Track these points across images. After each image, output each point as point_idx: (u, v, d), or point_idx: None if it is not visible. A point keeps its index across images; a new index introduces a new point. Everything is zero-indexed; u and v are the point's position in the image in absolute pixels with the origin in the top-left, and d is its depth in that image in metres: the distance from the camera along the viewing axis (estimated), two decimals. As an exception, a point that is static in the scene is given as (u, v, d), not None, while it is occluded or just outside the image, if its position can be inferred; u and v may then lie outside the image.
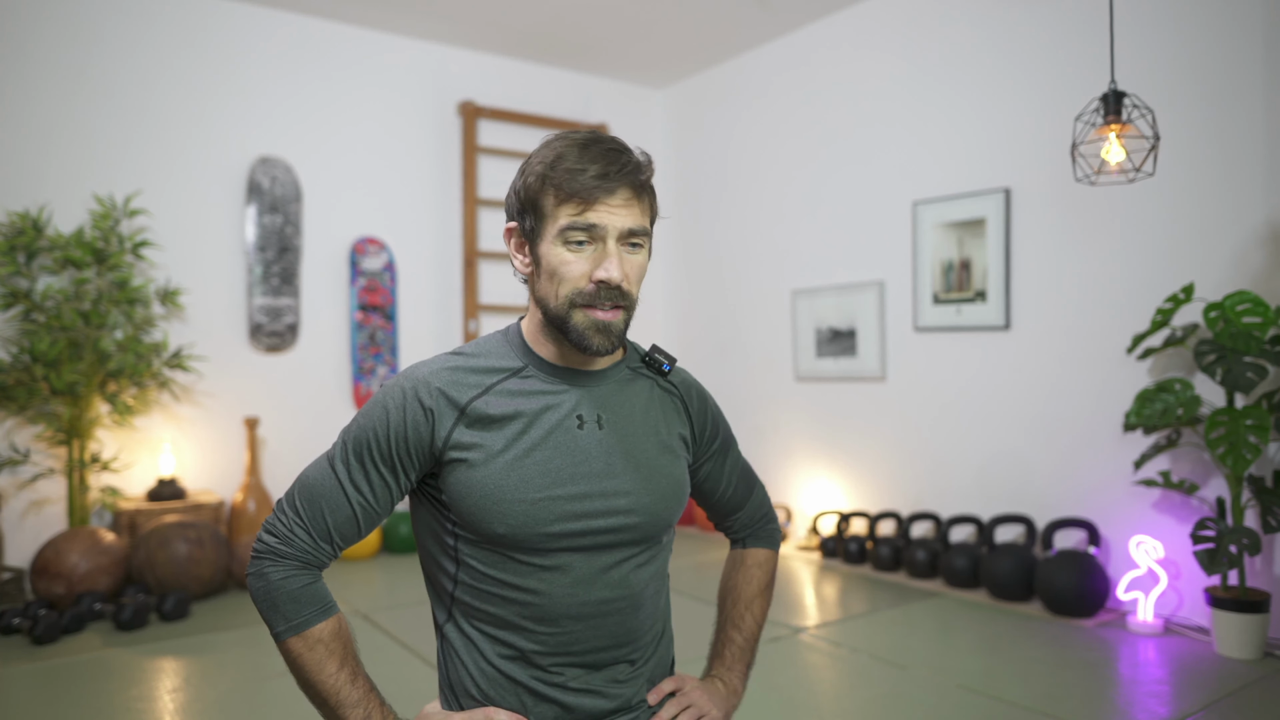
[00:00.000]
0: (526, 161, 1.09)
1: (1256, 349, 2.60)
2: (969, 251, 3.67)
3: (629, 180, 1.03)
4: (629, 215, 1.04)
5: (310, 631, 1.03)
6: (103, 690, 2.49)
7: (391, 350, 4.44)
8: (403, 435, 1.05)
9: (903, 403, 3.97)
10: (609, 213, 1.03)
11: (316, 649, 1.03)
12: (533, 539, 1.04)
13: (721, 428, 1.28)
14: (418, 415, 1.05)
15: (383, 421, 1.06)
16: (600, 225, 1.02)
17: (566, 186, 1.02)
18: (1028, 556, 3.28)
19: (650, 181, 1.08)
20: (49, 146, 3.65)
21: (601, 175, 1.01)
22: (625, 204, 1.04)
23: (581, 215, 1.02)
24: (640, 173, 1.05)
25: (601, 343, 1.06)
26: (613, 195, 1.03)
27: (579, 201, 1.02)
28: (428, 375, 1.08)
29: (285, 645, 1.04)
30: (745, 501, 1.33)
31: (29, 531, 3.55)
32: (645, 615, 1.13)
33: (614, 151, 1.04)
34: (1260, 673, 2.54)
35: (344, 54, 4.38)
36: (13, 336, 3.48)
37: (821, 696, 2.44)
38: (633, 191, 1.04)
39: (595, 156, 1.03)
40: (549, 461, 1.06)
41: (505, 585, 1.06)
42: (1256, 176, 2.84)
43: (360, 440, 1.07)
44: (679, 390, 1.22)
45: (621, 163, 1.03)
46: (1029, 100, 3.46)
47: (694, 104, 5.21)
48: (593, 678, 1.09)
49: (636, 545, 1.11)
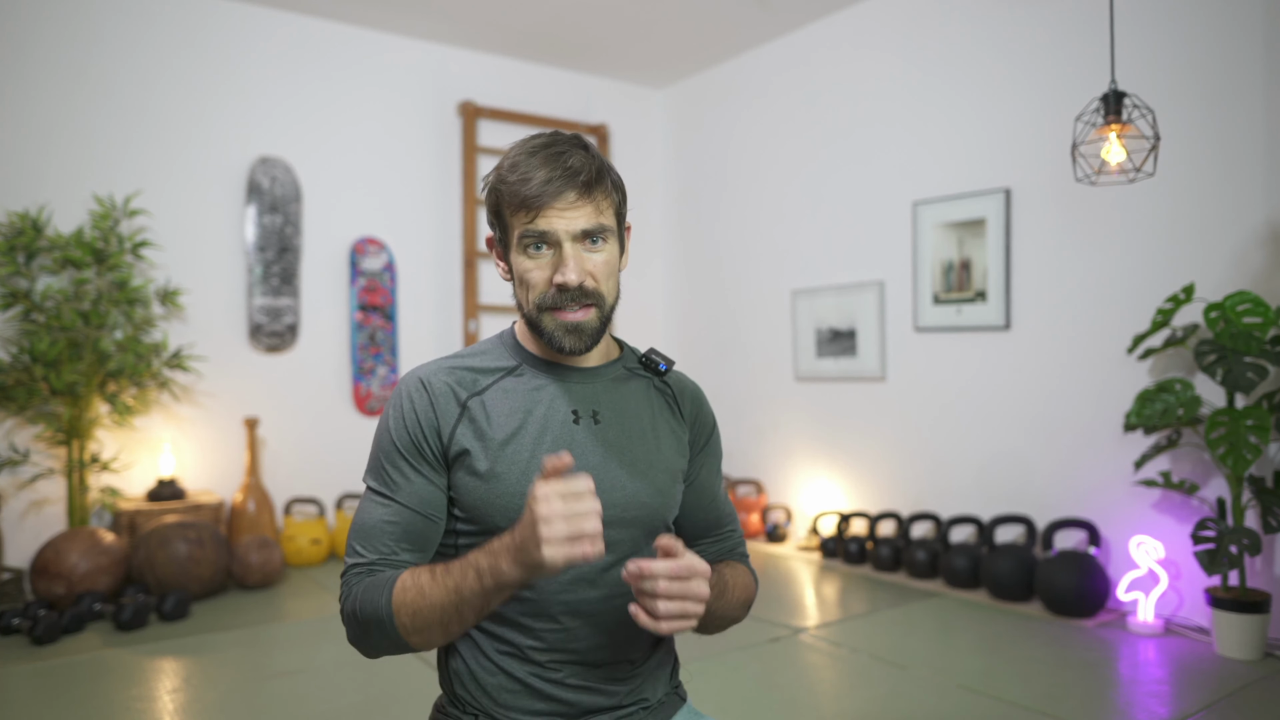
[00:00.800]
0: (488, 174, 1.11)
1: (1257, 349, 2.60)
2: (969, 251, 3.66)
3: (571, 183, 1.03)
4: (580, 216, 1.04)
5: (395, 590, 0.99)
6: (102, 690, 2.49)
7: (391, 350, 4.44)
8: (416, 426, 1.07)
9: (903, 403, 3.97)
10: (558, 216, 1.03)
11: (409, 592, 0.99)
12: None
13: (714, 439, 1.26)
14: (425, 405, 1.08)
15: (397, 422, 1.08)
16: (551, 231, 1.04)
17: (515, 197, 1.04)
18: (1028, 557, 3.28)
19: (600, 177, 1.06)
20: (49, 146, 3.65)
21: (545, 181, 1.02)
22: (574, 206, 1.04)
23: (533, 223, 1.04)
24: (580, 174, 1.04)
25: (573, 343, 1.07)
26: (559, 199, 1.03)
27: (528, 210, 1.04)
28: (428, 374, 1.11)
29: (395, 619, 0.99)
30: (724, 526, 1.27)
31: (29, 531, 3.55)
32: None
33: (557, 155, 1.04)
34: (1260, 673, 2.54)
35: (344, 54, 4.38)
36: (13, 336, 3.48)
37: (821, 696, 2.43)
38: (579, 192, 1.04)
39: (541, 162, 1.04)
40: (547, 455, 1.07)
41: None
42: (1256, 176, 2.84)
43: (380, 452, 1.09)
44: (673, 390, 1.22)
45: (564, 166, 1.03)
46: (1029, 100, 3.46)
47: (694, 104, 5.21)
48: (591, 675, 1.09)
49: (634, 540, 1.12)
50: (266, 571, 3.55)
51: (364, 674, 2.58)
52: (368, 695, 2.44)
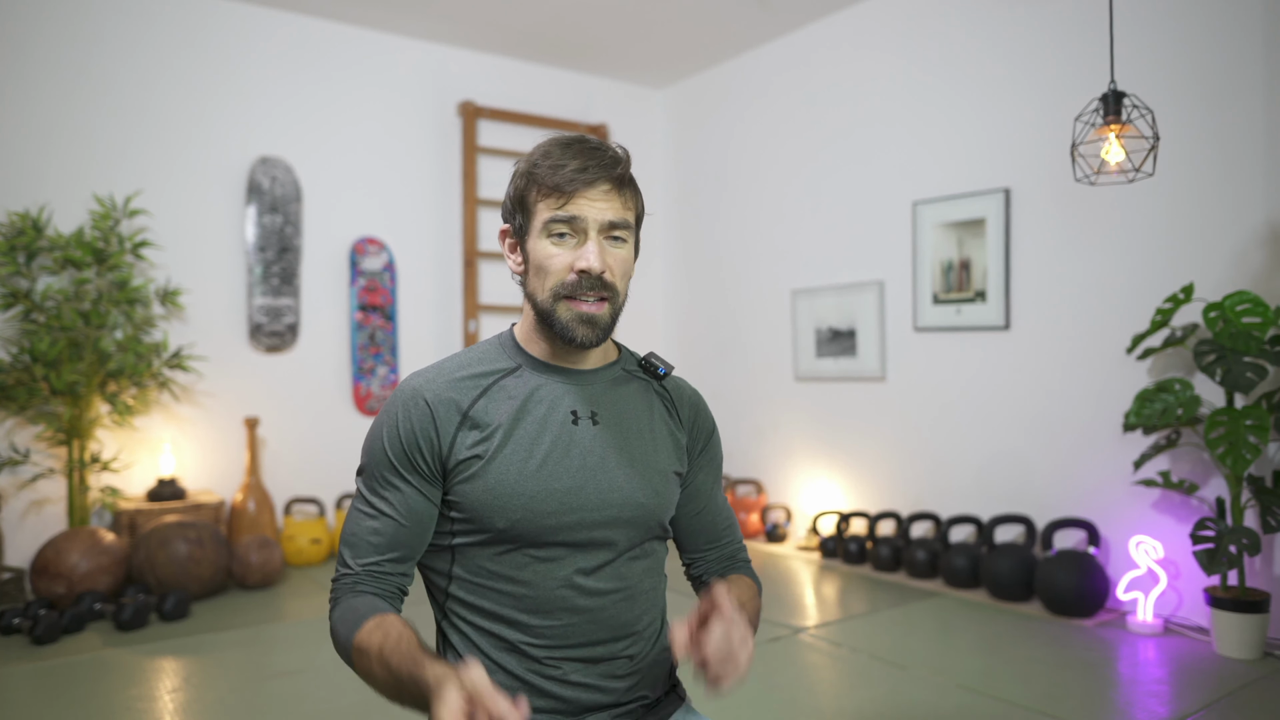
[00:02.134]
0: (517, 163, 1.13)
1: (1256, 349, 2.60)
2: (969, 251, 3.67)
3: (607, 173, 1.07)
4: (609, 208, 1.07)
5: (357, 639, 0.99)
6: (103, 690, 2.49)
7: (391, 350, 4.44)
8: (412, 437, 1.07)
9: (903, 403, 3.98)
10: (589, 204, 1.06)
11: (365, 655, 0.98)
12: (532, 532, 1.06)
13: (713, 444, 1.26)
14: (424, 418, 1.07)
15: (392, 432, 1.08)
16: (581, 217, 1.06)
17: (548, 181, 1.06)
18: (1028, 556, 3.28)
19: (630, 177, 1.11)
20: (49, 146, 3.65)
21: (581, 169, 1.05)
22: (605, 196, 1.07)
23: (563, 208, 1.06)
24: (617, 166, 1.08)
25: (586, 334, 1.08)
26: (592, 188, 1.06)
27: (560, 194, 1.06)
28: (425, 384, 1.10)
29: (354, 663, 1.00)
30: (724, 533, 1.26)
31: (29, 531, 3.55)
32: (641, 609, 1.14)
33: (594, 149, 1.08)
34: (1260, 673, 2.54)
35: (344, 54, 4.38)
36: (13, 336, 3.48)
37: (821, 696, 2.44)
38: (612, 184, 1.07)
39: (576, 153, 1.07)
40: (546, 455, 1.08)
41: (502, 579, 1.08)
42: (1256, 176, 2.84)
43: (373, 460, 1.09)
44: (671, 395, 1.23)
45: (600, 157, 1.07)
46: (1029, 100, 3.46)
47: (694, 104, 5.21)
48: (590, 672, 1.09)
49: (631, 540, 1.12)
50: (266, 571, 3.55)
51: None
52: (367, 695, 2.44)
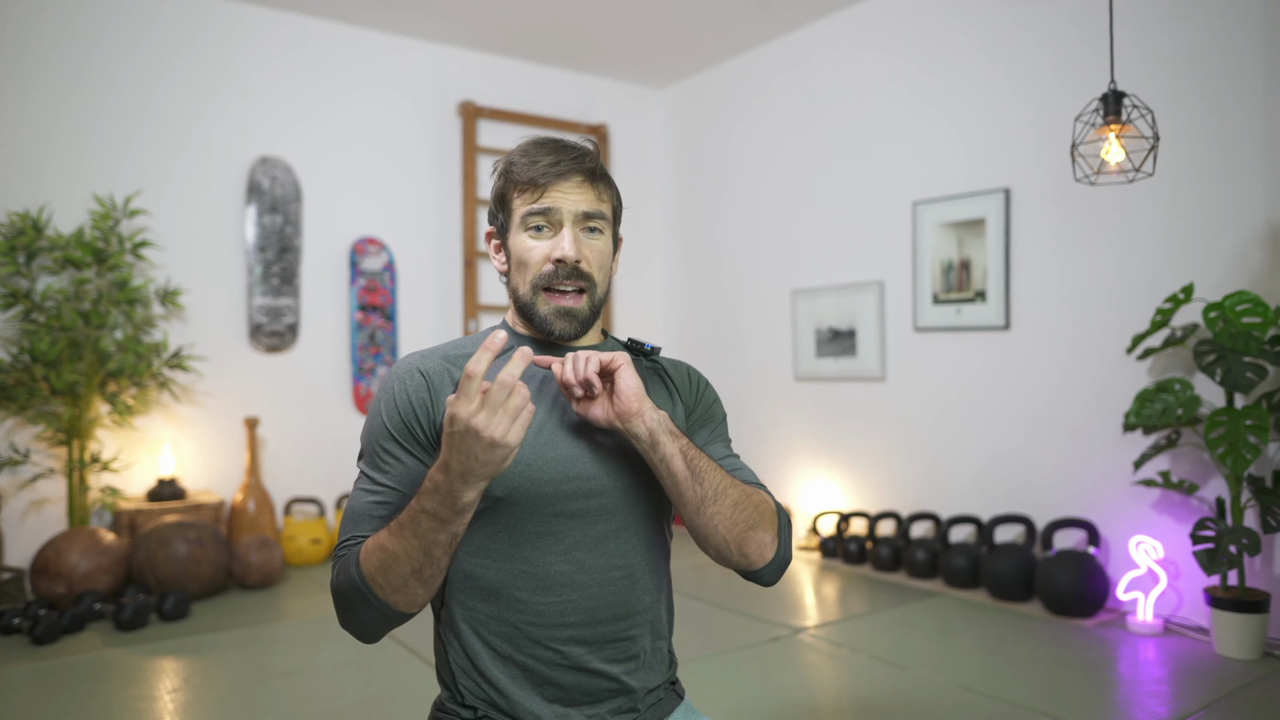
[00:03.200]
0: (496, 163, 1.18)
1: (1256, 349, 2.60)
2: (969, 251, 3.67)
3: (579, 165, 1.12)
4: (583, 199, 1.12)
5: (361, 555, 1.01)
6: (103, 690, 2.49)
7: (391, 350, 4.44)
8: (409, 406, 1.09)
9: (903, 403, 3.98)
10: (563, 196, 1.11)
11: (373, 555, 1.00)
12: (529, 500, 1.07)
13: (707, 398, 1.26)
14: (420, 387, 1.10)
15: (389, 405, 1.10)
16: (555, 208, 1.11)
17: (524, 176, 1.12)
18: (1028, 556, 3.28)
19: (603, 171, 1.16)
20: (49, 146, 3.65)
21: (554, 163, 1.11)
22: (578, 188, 1.12)
23: (538, 201, 1.11)
24: (587, 159, 1.13)
25: (564, 328, 1.13)
26: (565, 179, 1.11)
27: (535, 188, 1.11)
28: (421, 359, 1.14)
29: (369, 582, 1.00)
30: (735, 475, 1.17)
31: (29, 531, 3.55)
32: (641, 589, 1.14)
33: (566, 145, 1.14)
34: (1260, 673, 2.54)
35: (344, 54, 4.38)
36: (13, 336, 3.48)
37: (821, 696, 2.44)
38: (585, 176, 1.13)
39: (549, 150, 1.13)
40: (542, 424, 1.10)
41: (500, 556, 1.08)
42: (1256, 176, 2.84)
43: (372, 437, 1.11)
44: (662, 366, 1.25)
45: (571, 151, 1.13)
46: (1029, 100, 3.46)
47: (694, 104, 5.21)
48: (590, 657, 1.09)
49: (630, 510, 1.12)
50: (266, 571, 3.55)
51: (364, 674, 2.59)
52: (368, 695, 2.44)
